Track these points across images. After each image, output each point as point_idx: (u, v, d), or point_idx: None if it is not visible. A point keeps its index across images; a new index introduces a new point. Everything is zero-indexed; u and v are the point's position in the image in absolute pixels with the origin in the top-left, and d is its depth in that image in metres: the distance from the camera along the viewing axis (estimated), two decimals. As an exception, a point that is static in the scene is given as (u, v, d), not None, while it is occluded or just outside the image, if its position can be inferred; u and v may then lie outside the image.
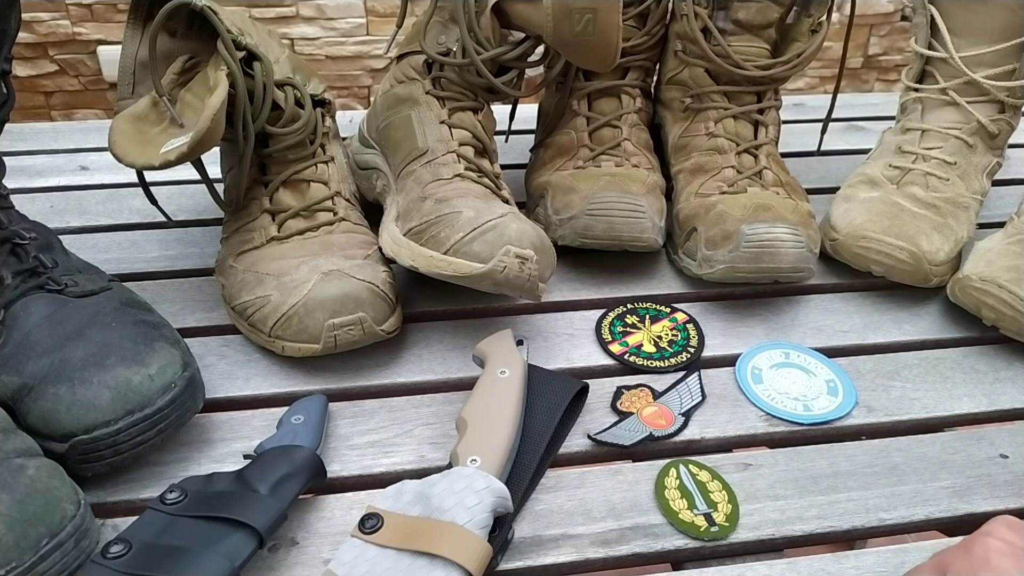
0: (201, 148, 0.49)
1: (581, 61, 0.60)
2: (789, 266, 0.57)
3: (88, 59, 1.73)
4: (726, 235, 0.58)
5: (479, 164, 0.57)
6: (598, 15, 0.53)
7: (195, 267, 0.63)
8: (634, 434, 0.49)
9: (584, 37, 0.54)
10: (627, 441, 0.49)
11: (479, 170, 0.57)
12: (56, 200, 0.72)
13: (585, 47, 0.55)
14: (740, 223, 0.58)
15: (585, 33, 0.54)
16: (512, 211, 0.52)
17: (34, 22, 1.65)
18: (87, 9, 1.67)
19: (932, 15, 0.64)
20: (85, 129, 0.85)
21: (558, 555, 0.42)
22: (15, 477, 0.37)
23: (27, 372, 0.43)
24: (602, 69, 0.58)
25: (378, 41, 1.82)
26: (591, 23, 0.53)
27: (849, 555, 0.43)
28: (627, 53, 0.67)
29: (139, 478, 0.45)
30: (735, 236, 0.57)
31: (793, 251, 0.57)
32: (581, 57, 0.57)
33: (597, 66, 0.57)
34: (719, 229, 0.59)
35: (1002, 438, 0.51)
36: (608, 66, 0.57)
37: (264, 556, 0.41)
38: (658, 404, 0.51)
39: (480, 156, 0.58)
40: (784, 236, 0.57)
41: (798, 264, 0.57)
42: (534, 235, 0.51)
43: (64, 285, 0.47)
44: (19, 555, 0.35)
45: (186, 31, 0.57)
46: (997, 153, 0.66)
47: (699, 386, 0.53)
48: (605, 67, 0.57)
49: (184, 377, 0.44)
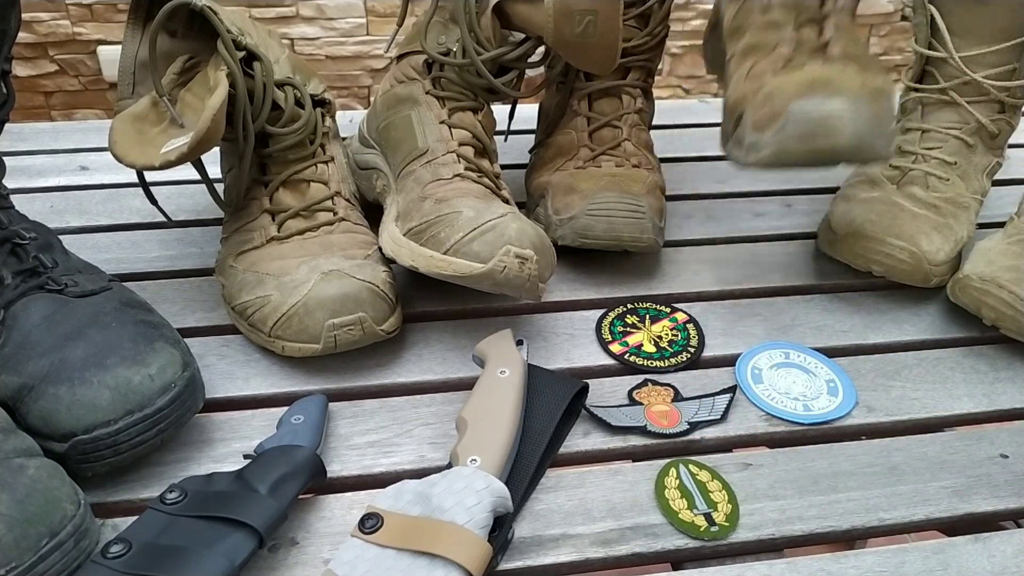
0: (201, 148, 0.49)
1: (582, 63, 0.60)
2: (848, 144, 0.49)
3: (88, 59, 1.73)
4: (773, 115, 0.51)
5: (479, 164, 0.57)
6: (599, 17, 0.53)
7: (195, 267, 0.63)
8: (627, 420, 0.49)
9: (585, 39, 0.54)
10: (615, 422, 0.49)
11: (479, 170, 0.57)
12: (56, 200, 0.72)
13: (586, 49, 0.55)
14: (791, 101, 0.51)
15: (586, 35, 0.54)
16: (512, 211, 0.52)
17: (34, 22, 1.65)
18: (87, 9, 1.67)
19: (932, 15, 0.64)
20: (85, 129, 0.85)
21: (558, 555, 0.42)
22: (15, 477, 0.37)
23: (27, 372, 0.43)
24: (602, 71, 0.58)
25: (378, 41, 1.82)
26: (592, 25, 0.53)
27: (849, 555, 0.43)
28: (628, 53, 0.67)
29: (139, 478, 0.45)
30: (783, 115, 0.50)
31: (851, 127, 0.49)
32: (582, 59, 0.57)
33: (598, 68, 0.57)
34: (767, 110, 0.52)
35: (1002, 438, 0.51)
36: (608, 68, 0.57)
37: (264, 556, 0.41)
38: (673, 406, 0.51)
39: (480, 156, 0.58)
40: (840, 110, 0.49)
41: (860, 142, 0.49)
42: (534, 235, 0.51)
43: (64, 285, 0.47)
44: (19, 555, 0.35)
45: (186, 31, 0.57)
46: (997, 153, 0.66)
47: (725, 407, 0.51)
48: (605, 69, 0.57)
49: (184, 377, 0.44)
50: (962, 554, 0.43)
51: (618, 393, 0.52)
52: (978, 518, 0.46)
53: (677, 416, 0.50)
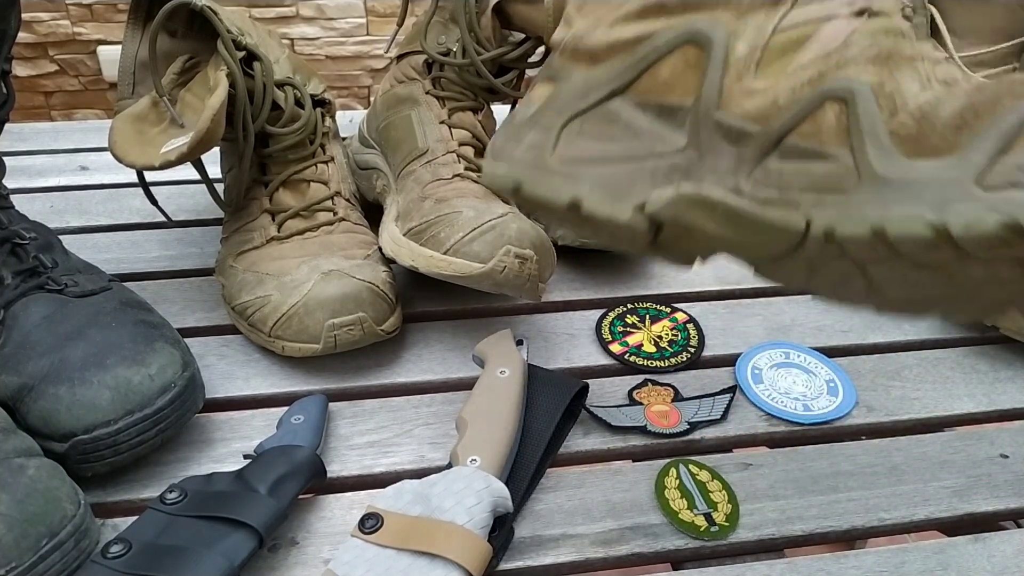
0: (201, 148, 0.49)
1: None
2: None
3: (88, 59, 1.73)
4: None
5: (479, 164, 0.57)
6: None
7: (195, 267, 0.63)
8: (627, 420, 0.49)
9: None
10: (615, 422, 0.49)
11: (479, 170, 0.57)
12: (56, 200, 0.72)
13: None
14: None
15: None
16: (512, 211, 0.52)
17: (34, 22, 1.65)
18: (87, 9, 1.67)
19: (932, 15, 0.64)
20: (85, 129, 0.85)
21: (558, 555, 0.42)
22: (15, 477, 0.37)
23: (27, 372, 0.43)
24: (602, 69, 0.58)
25: (378, 41, 1.82)
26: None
27: (849, 555, 0.43)
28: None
29: (139, 478, 0.45)
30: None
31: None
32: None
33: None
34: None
35: (1002, 438, 0.51)
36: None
37: (264, 556, 0.41)
38: (673, 406, 0.51)
39: (480, 156, 0.58)
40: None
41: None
42: (534, 235, 0.51)
43: (64, 285, 0.47)
44: (19, 555, 0.35)
45: (186, 31, 0.57)
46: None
47: (725, 407, 0.51)
48: None
49: (184, 377, 0.44)
50: (962, 554, 0.43)
51: (618, 393, 0.52)
52: (978, 518, 0.46)
53: (677, 416, 0.50)
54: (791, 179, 0.29)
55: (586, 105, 0.35)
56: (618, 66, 0.35)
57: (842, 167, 0.28)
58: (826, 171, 0.29)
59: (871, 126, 0.28)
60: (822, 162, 0.29)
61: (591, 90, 0.35)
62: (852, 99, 0.29)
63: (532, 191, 0.35)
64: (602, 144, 0.35)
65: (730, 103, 0.31)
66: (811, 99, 0.29)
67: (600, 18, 0.36)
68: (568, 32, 0.37)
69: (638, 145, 0.34)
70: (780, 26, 0.31)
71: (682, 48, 0.33)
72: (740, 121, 0.31)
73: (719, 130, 0.32)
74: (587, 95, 0.35)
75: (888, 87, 0.28)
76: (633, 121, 0.34)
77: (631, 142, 0.34)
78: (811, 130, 0.29)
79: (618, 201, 0.33)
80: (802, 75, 0.30)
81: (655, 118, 0.34)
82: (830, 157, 0.29)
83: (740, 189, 0.31)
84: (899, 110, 0.28)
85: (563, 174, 0.35)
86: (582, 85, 0.36)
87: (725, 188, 0.31)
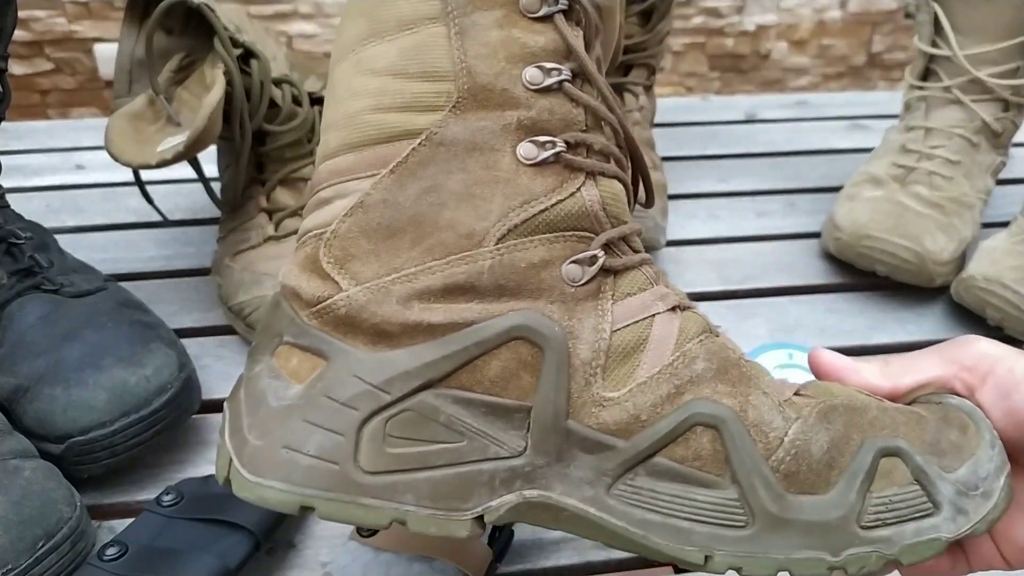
0: (198, 146, 0.49)
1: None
2: None
3: (84, 57, 1.73)
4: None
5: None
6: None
7: (192, 267, 0.63)
8: None
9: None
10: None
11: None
12: (52, 199, 0.71)
13: (586, 45, 0.54)
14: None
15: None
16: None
17: (30, 20, 1.65)
18: (83, 7, 1.67)
19: (936, 12, 0.63)
20: (81, 128, 0.84)
21: (559, 558, 0.42)
22: (11, 479, 0.37)
23: (22, 373, 0.43)
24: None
25: (377, 39, 1.82)
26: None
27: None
28: (630, 51, 0.67)
29: (135, 480, 0.45)
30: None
31: None
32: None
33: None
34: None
35: (1007, 439, 0.50)
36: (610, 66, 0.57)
37: (261, 559, 0.41)
38: None
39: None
40: None
41: None
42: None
43: (60, 285, 0.47)
44: (15, 557, 0.35)
45: (183, 29, 0.56)
46: (1001, 152, 0.66)
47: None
48: (607, 67, 0.57)
49: (180, 378, 0.44)
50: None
51: (620, 394, 0.52)
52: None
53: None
54: (671, 503, 0.28)
55: (391, 399, 0.28)
56: (428, 354, 0.28)
57: (729, 499, 0.28)
58: (714, 502, 0.28)
59: (752, 461, 0.28)
60: (705, 489, 0.28)
61: (393, 379, 0.28)
62: (724, 427, 0.28)
63: (333, 513, 0.28)
64: (420, 448, 0.28)
65: (582, 413, 0.28)
66: (679, 421, 0.28)
67: (381, 286, 0.28)
68: (325, 288, 0.29)
69: (467, 448, 0.28)
70: (615, 326, 0.29)
71: (511, 344, 0.28)
72: (597, 434, 0.28)
73: (571, 439, 0.29)
74: (388, 385, 0.28)
75: (751, 416, 0.29)
76: (457, 420, 0.28)
77: (458, 444, 0.28)
78: (686, 454, 0.28)
79: (452, 513, 0.28)
80: (658, 390, 0.29)
81: (485, 417, 0.28)
82: (713, 485, 0.28)
83: (602, 502, 0.29)
84: (773, 445, 0.29)
85: (377, 487, 0.28)
86: (373, 369, 0.28)
87: (581, 498, 0.29)
